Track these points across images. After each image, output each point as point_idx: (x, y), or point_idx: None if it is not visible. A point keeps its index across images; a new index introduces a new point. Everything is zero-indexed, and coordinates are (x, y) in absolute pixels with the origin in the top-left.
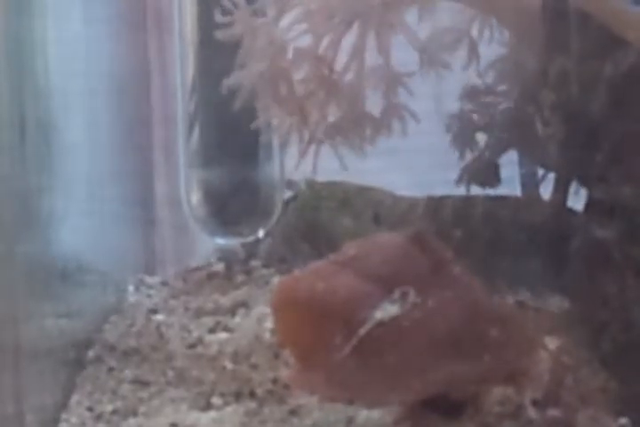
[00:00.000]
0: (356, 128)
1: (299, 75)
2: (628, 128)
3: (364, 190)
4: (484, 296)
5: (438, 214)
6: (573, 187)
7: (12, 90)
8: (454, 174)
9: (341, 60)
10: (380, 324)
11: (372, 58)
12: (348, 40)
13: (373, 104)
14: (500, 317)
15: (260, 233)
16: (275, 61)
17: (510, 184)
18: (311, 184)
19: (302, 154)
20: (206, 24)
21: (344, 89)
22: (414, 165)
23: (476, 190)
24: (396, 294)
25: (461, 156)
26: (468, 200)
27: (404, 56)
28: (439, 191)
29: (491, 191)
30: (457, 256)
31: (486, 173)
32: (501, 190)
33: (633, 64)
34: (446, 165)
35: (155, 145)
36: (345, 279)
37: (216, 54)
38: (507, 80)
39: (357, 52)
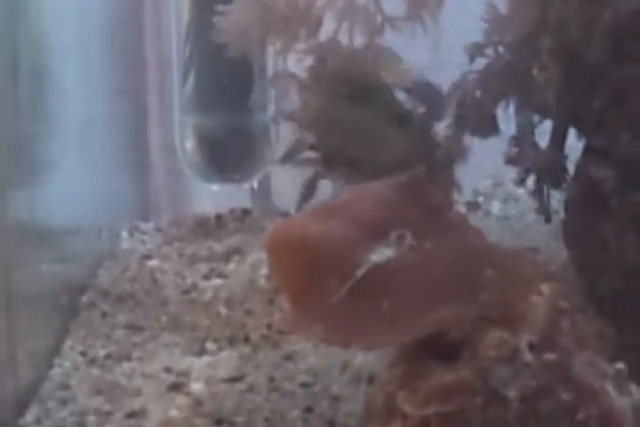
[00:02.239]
0: None
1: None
2: (627, 73)
3: None
4: (480, 240)
5: None
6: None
7: (4, 34)
8: None
9: None
10: (376, 266)
11: None
12: None
13: None
14: (496, 260)
15: (254, 179)
16: None
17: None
18: None
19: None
20: None
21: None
22: None
23: None
24: (392, 238)
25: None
26: None
27: None
28: None
29: None
30: None
31: (484, 123)
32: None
33: (632, 9)
34: None
35: (149, 90)
36: (340, 223)
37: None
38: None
39: None
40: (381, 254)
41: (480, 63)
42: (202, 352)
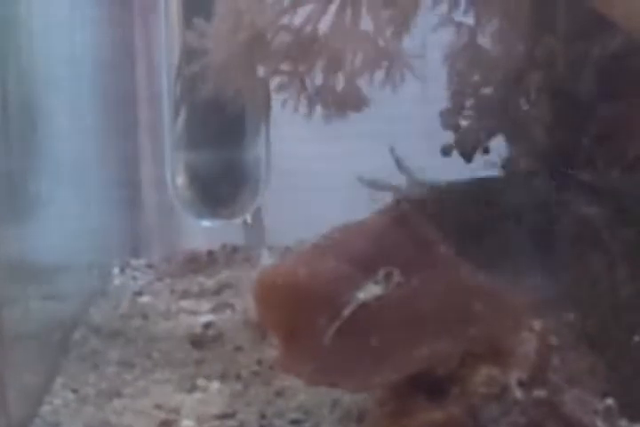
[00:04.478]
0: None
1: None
2: (615, 110)
3: None
4: (469, 275)
5: None
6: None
7: None
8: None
9: None
10: (364, 305)
11: None
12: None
13: None
14: (486, 295)
15: (246, 216)
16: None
17: None
18: None
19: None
20: (192, 5)
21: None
22: (397, 149)
23: None
24: (380, 275)
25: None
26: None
27: None
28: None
29: None
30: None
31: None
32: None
33: (620, 45)
34: (430, 150)
35: (140, 127)
36: (328, 262)
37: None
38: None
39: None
40: (369, 292)
41: None
42: (193, 389)
